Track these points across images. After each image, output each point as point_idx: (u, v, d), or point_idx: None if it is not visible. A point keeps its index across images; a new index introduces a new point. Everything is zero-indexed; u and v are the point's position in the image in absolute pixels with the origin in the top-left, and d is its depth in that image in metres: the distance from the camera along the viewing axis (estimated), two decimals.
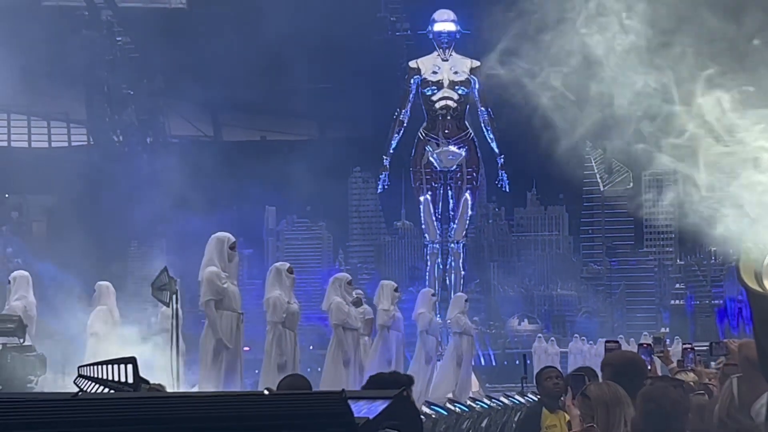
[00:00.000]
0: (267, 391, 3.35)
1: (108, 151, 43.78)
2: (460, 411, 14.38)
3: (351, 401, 2.75)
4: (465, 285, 41.53)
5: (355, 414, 2.77)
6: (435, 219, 42.66)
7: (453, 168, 42.40)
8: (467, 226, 43.10)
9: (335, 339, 17.26)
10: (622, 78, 4.10)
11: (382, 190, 43.96)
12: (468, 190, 42.61)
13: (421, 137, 42.44)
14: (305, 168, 38.10)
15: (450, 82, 42.27)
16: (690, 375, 9.50)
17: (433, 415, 13.45)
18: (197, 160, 38.79)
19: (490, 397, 16.59)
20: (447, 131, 42.17)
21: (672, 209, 39.44)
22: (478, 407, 15.14)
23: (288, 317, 15.56)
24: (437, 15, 42.64)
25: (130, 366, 4.07)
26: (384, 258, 45.38)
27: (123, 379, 4.07)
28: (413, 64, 42.93)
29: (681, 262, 45.27)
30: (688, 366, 10.10)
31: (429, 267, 42.73)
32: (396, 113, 43.16)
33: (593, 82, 4.19)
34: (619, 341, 11.14)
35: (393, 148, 43.23)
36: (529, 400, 15.25)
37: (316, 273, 40.73)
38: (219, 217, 30.11)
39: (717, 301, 43.77)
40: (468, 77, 42.03)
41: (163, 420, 2.60)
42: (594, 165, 44.98)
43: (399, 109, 43.15)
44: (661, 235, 44.98)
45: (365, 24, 42.00)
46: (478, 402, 15.86)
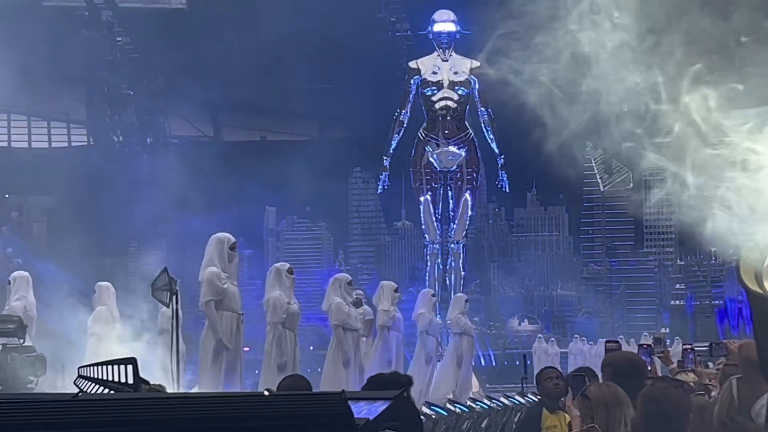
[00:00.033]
0: (267, 392, 3.35)
1: (108, 152, 43.78)
2: (460, 411, 14.37)
3: (351, 402, 2.75)
4: (465, 285, 41.53)
5: (355, 415, 2.77)
6: (435, 219, 42.65)
7: (453, 168, 42.40)
8: (467, 226, 43.10)
9: (335, 339, 17.25)
10: (612, 77, 4.10)
11: (382, 190, 43.96)
12: (468, 190, 42.61)
13: (421, 137, 42.44)
14: (305, 168, 38.09)
15: (450, 82, 42.26)
16: (690, 375, 9.50)
17: (433, 416, 13.45)
18: (197, 160, 38.79)
19: (490, 398, 16.58)
20: (447, 131, 42.16)
21: (672, 209, 39.46)
22: (478, 408, 15.14)
23: (288, 318, 15.55)
24: (437, 15, 42.64)
25: (130, 366, 4.07)
26: (384, 258, 45.37)
27: (123, 380, 4.07)
28: (413, 64, 42.93)
29: (681, 262, 45.27)
30: (688, 366, 10.10)
31: (429, 267, 42.72)
32: (396, 113, 43.16)
33: (584, 80, 4.20)
34: (620, 341, 11.13)
35: (393, 148, 43.23)
36: (529, 400, 15.25)
37: (316, 273, 40.73)
38: (219, 218, 30.09)
39: (717, 302, 43.76)
40: (468, 77, 42.02)
41: (164, 421, 2.60)
42: (594, 165, 44.98)
43: (399, 110, 43.15)
44: (662, 236, 44.97)
45: (365, 24, 41.99)
46: (478, 402, 15.85)
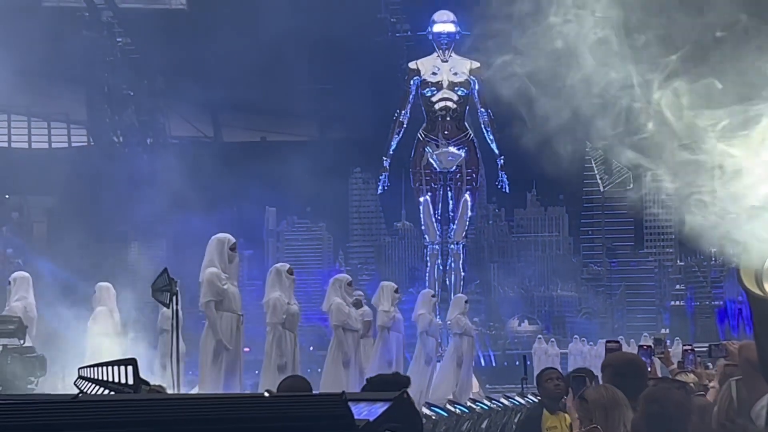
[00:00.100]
0: (267, 393, 3.35)
1: (108, 152, 43.79)
2: (460, 412, 14.37)
3: (351, 403, 2.75)
4: (465, 286, 41.52)
5: (356, 416, 2.77)
6: (435, 220, 42.64)
7: (453, 169, 42.39)
8: (467, 227, 43.09)
9: (335, 340, 17.24)
10: (590, 72, 4.09)
11: (382, 190, 43.96)
12: (468, 191, 42.60)
13: (421, 138, 42.43)
14: (305, 169, 38.09)
15: (449, 83, 42.25)
16: (690, 376, 9.49)
17: (433, 417, 13.45)
18: (197, 160, 38.81)
19: (490, 398, 16.59)
20: (446, 132, 42.15)
21: (672, 210, 39.33)
22: (478, 408, 15.14)
23: (288, 318, 15.54)
24: (437, 16, 42.63)
25: (130, 367, 4.07)
26: (384, 259, 45.37)
27: (123, 381, 4.07)
28: (413, 65, 42.93)
29: (681, 263, 45.27)
30: (688, 367, 10.09)
31: (429, 268, 42.71)
32: (396, 114, 43.15)
33: (566, 75, 4.19)
34: (620, 341, 11.12)
35: (393, 149, 43.23)
36: (529, 401, 15.25)
37: (316, 274, 40.73)
38: (219, 218, 30.10)
39: (717, 302, 43.75)
40: (467, 78, 42.01)
41: (164, 422, 2.60)
42: (594, 166, 44.98)
43: (399, 110, 43.15)
44: (661, 236, 44.97)
45: (365, 25, 41.99)
46: (478, 403, 15.85)
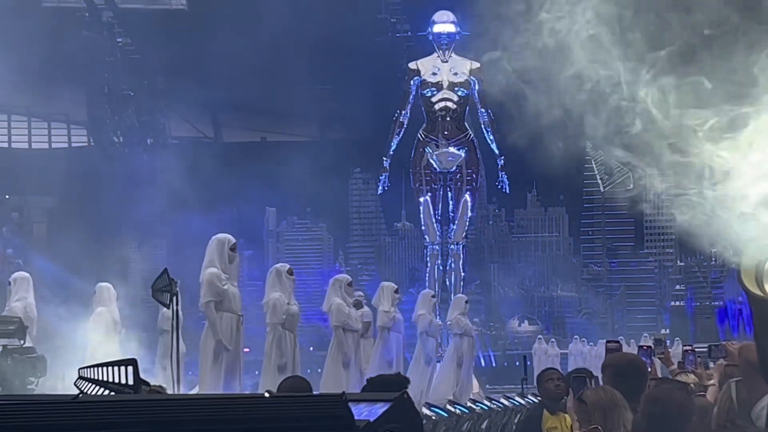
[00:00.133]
0: (268, 394, 3.35)
1: (108, 152, 43.80)
2: (460, 413, 14.36)
3: (351, 403, 2.75)
4: (465, 286, 41.51)
5: (356, 416, 2.77)
6: (435, 220, 42.63)
7: (453, 169, 42.38)
8: (467, 227, 43.09)
9: (335, 340, 17.24)
10: (576, 70, 4.09)
11: (382, 191, 43.95)
12: (468, 191, 42.59)
13: (421, 138, 42.42)
14: (305, 169, 38.12)
15: (449, 83, 42.24)
16: (690, 377, 9.49)
17: (434, 417, 13.44)
18: (197, 161, 38.83)
19: (490, 399, 16.57)
20: (446, 132, 42.14)
21: (672, 210, 39.29)
22: (478, 409, 15.13)
23: (288, 319, 15.55)
24: (437, 16, 42.63)
25: (130, 368, 4.06)
26: (384, 259, 45.37)
27: (123, 381, 4.07)
28: (413, 65, 42.92)
29: (681, 263, 45.26)
30: (688, 368, 10.09)
31: (429, 268, 42.70)
32: (396, 114, 43.15)
33: (555, 73, 4.19)
34: (620, 341, 11.10)
35: (393, 149, 43.22)
36: (530, 401, 15.25)
37: (316, 274, 40.74)
38: (219, 218, 30.10)
39: (717, 303, 43.74)
40: (467, 78, 42.00)
41: (164, 422, 2.60)
42: (594, 166, 44.98)
43: (399, 111, 43.14)
44: (662, 237, 44.96)
45: (365, 25, 42.00)
46: (478, 403, 15.84)
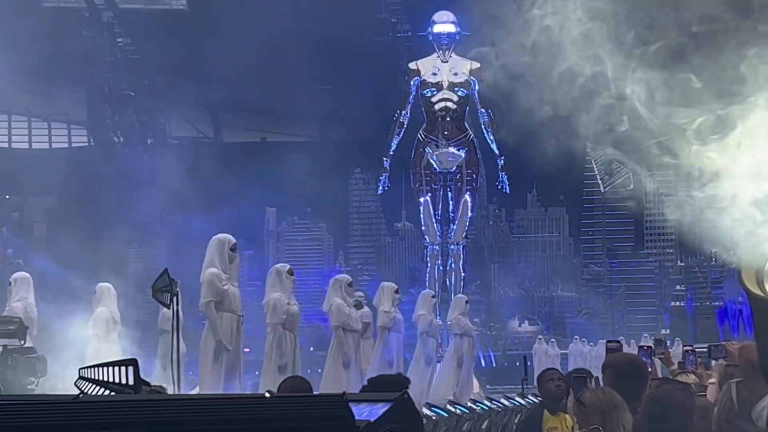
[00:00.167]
0: (268, 394, 3.35)
1: (108, 152, 43.80)
2: (460, 413, 14.36)
3: (352, 404, 2.75)
4: (465, 286, 41.50)
5: (356, 416, 2.77)
6: (435, 220, 42.62)
7: (453, 169, 42.37)
8: (467, 227, 43.07)
9: (336, 340, 17.24)
10: (564, 68, 4.09)
11: (382, 191, 43.94)
12: (468, 191, 42.58)
13: (421, 139, 42.41)
14: (306, 169, 38.11)
15: (449, 83, 42.23)
16: (691, 377, 9.48)
17: (434, 417, 13.43)
18: (197, 161, 38.84)
19: (490, 399, 16.57)
20: (447, 132, 42.13)
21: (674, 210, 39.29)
22: (478, 409, 15.12)
23: (288, 319, 15.54)
24: (437, 16, 42.61)
25: (131, 368, 4.06)
26: (384, 259, 45.35)
27: (124, 381, 4.06)
28: (413, 65, 42.91)
29: (681, 263, 45.24)
30: (689, 368, 10.08)
31: (429, 268, 42.69)
32: (396, 114, 43.13)
33: (544, 69, 4.19)
34: (621, 341, 11.10)
35: (393, 149, 43.20)
36: (530, 401, 15.24)
37: (316, 274, 40.74)
38: (219, 218, 30.11)
39: (717, 303, 43.72)
40: (468, 78, 41.99)
41: (165, 422, 2.60)
42: (594, 166, 44.97)
43: (399, 111, 43.13)
44: (662, 237, 44.94)
45: (366, 25, 41.99)
46: (478, 404, 15.83)
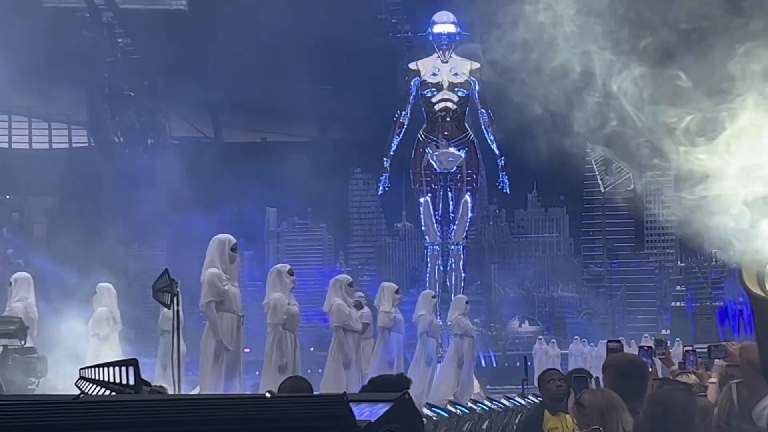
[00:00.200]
0: (269, 394, 3.35)
1: (109, 153, 43.79)
2: (460, 413, 14.35)
3: (353, 404, 2.75)
4: (465, 287, 41.51)
5: (357, 416, 2.77)
6: (435, 221, 42.62)
7: (453, 170, 42.37)
8: (467, 227, 43.07)
9: (336, 341, 17.24)
10: (553, 65, 4.09)
11: (382, 191, 43.94)
12: (468, 191, 42.58)
13: (421, 139, 42.41)
14: (306, 169, 38.09)
15: (449, 83, 42.23)
16: (691, 377, 9.48)
17: (434, 417, 13.42)
18: (198, 161, 38.82)
19: (491, 399, 16.55)
20: (447, 133, 42.13)
21: (672, 211, 39.30)
22: (478, 409, 15.11)
23: (288, 319, 15.54)
24: (437, 17, 42.61)
25: (131, 368, 4.06)
26: (384, 260, 45.35)
27: (124, 381, 4.06)
28: (413, 65, 42.91)
29: (682, 263, 45.23)
30: (689, 368, 10.08)
31: (429, 269, 42.69)
32: (396, 115, 43.13)
33: (532, 66, 4.20)
34: (621, 341, 11.09)
35: (393, 149, 43.21)
36: (530, 401, 15.23)
37: (317, 274, 40.73)
38: (219, 219, 30.10)
39: (718, 303, 43.70)
40: (468, 79, 42.00)
41: (165, 422, 2.60)
42: (594, 166, 44.97)
43: (399, 111, 43.13)
44: (662, 237, 44.94)
45: (366, 25, 41.98)
46: (478, 404, 15.82)
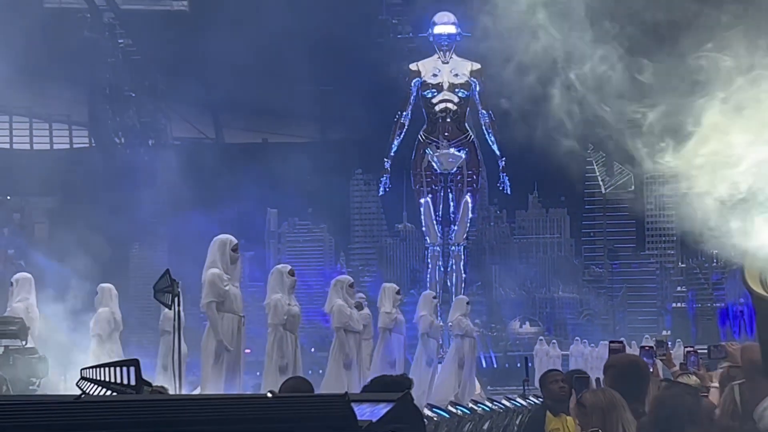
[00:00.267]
0: (270, 394, 3.34)
1: (109, 153, 43.81)
2: (461, 414, 14.34)
3: (354, 404, 2.74)
4: (466, 287, 41.50)
5: (359, 417, 2.76)
6: (436, 221, 42.61)
7: (453, 170, 42.36)
8: (468, 228, 43.07)
9: (337, 341, 17.24)
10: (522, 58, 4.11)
11: (383, 192, 43.93)
12: (468, 192, 42.57)
13: (422, 140, 42.41)
14: (307, 170, 38.11)
15: (450, 84, 42.22)
16: (692, 378, 9.47)
17: (435, 418, 13.42)
18: (199, 161, 38.84)
19: (491, 400, 16.55)
20: (447, 134, 42.12)
21: (673, 211, 39.49)
22: (479, 410, 15.10)
23: (289, 320, 15.55)
24: (437, 18, 42.61)
25: (132, 368, 4.06)
26: (385, 260, 45.35)
27: (125, 382, 4.06)
28: (414, 66, 42.90)
29: (683, 264, 45.21)
30: (690, 369, 10.06)
31: (430, 269, 42.69)
32: (397, 116, 43.13)
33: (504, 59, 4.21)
34: (623, 342, 11.07)
35: (394, 150, 43.20)
36: (531, 402, 15.23)
37: (317, 275, 40.73)
38: (220, 219, 30.09)
39: (719, 304, 43.68)
40: (468, 80, 41.99)
41: (166, 423, 2.59)
42: (595, 167, 44.96)
43: (400, 112, 43.13)
44: (663, 238, 44.92)
45: (366, 26, 42.00)
46: (479, 404, 15.82)
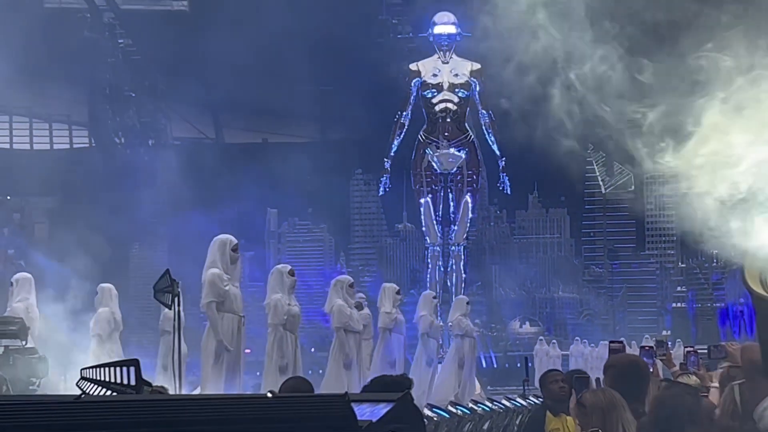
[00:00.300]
0: (270, 394, 3.34)
1: (109, 153, 43.81)
2: (461, 414, 14.34)
3: (354, 404, 2.74)
4: (466, 287, 41.50)
5: (359, 417, 2.76)
6: (436, 221, 42.61)
7: (453, 170, 42.36)
8: (468, 228, 43.06)
9: (337, 341, 17.24)
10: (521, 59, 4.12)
11: (383, 192, 43.93)
12: (468, 192, 42.57)
13: (422, 140, 42.41)
14: (307, 170, 38.11)
15: (450, 84, 42.22)
16: (693, 378, 9.47)
17: (435, 418, 13.42)
18: (199, 161, 38.84)
19: (491, 400, 16.55)
20: (447, 134, 42.12)
21: (673, 211, 39.49)
22: (479, 410, 15.10)
23: (289, 320, 15.54)
24: (437, 18, 42.61)
25: (132, 368, 4.06)
26: (385, 260, 45.35)
27: (125, 382, 4.06)
28: (414, 66, 42.90)
29: (683, 264, 45.21)
30: (690, 369, 10.06)
31: (430, 269, 42.68)
32: (397, 116, 43.13)
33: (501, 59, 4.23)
34: (623, 342, 11.07)
35: (394, 150, 43.20)
36: (531, 402, 15.23)
37: (317, 275, 40.73)
38: (220, 219, 30.09)
39: (719, 304, 43.68)
40: (468, 80, 41.99)
41: (166, 422, 2.59)
42: (595, 167, 44.96)
43: (400, 112, 43.13)
44: (663, 238, 44.92)
45: (366, 26, 42.00)
46: (479, 404, 15.82)
